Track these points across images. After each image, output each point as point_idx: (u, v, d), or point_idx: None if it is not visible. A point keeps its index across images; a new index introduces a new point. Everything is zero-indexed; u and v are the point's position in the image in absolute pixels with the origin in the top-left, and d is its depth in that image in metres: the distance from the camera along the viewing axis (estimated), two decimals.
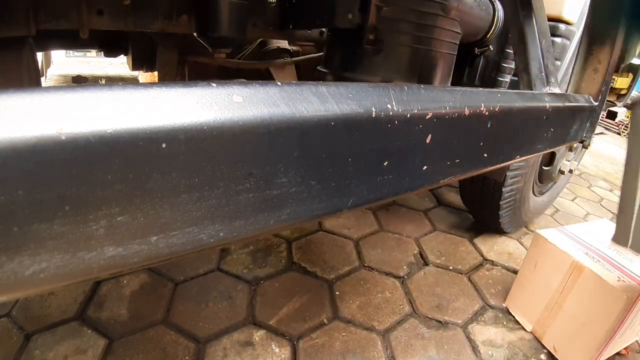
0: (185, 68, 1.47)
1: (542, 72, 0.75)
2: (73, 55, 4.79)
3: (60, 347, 0.90)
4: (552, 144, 0.69)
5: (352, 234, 1.50)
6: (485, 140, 0.47)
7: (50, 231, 0.18)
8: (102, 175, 0.19)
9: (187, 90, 0.22)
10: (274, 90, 0.26)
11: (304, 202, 0.29)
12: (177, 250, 0.23)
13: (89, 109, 0.19)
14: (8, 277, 0.18)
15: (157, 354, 0.91)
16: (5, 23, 0.65)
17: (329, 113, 0.28)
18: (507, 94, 0.53)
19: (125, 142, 0.19)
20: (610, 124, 5.06)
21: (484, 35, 1.07)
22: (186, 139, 0.21)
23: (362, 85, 0.32)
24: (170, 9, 0.86)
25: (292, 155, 0.27)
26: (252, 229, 0.27)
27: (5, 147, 0.16)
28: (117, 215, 0.20)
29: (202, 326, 1.00)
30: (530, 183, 1.52)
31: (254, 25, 0.99)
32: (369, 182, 0.34)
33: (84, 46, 1.35)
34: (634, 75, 2.04)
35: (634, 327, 1.02)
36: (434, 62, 0.82)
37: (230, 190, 0.25)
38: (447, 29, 0.81)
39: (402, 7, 0.75)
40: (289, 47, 1.64)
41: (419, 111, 0.35)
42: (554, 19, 1.14)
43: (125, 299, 1.06)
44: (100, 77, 4.01)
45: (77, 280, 0.21)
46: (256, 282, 1.18)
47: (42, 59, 2.49)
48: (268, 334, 1.00)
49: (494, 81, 1.22)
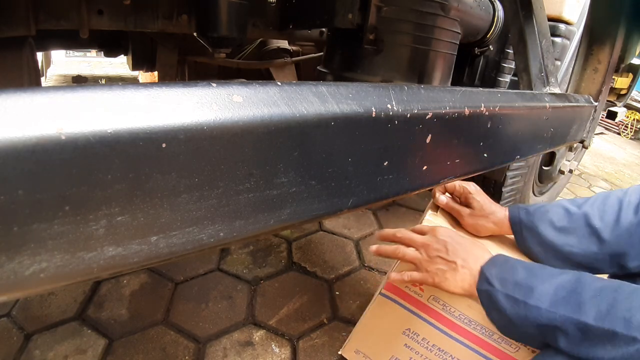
0: (185, 68, 1.47)
1: (542, 72, 0.75)
2: (73, 55, 4.79)
3: (60, 347, 0.90)
4: (552, 144, 0.69)
5: (352, 234, 1.50)
6: (485, 140, 0.47)
7: (50, 231, 0.18)
8: (102, 175, 0.19)
9: (187, 90, 0.22)
10: (274, 90, 0.26)
11: (304, 202, 0.29)
12: (177, 250, 0.23)
13: (89, 109, 0.19)
14: (8, 277, 0.18)
15: (157, 354, 0.91)
16: (5, 23, 0.65)
17: (329, 113, 0.28)
18: (507, 94, 0.53)
19: (125, 142, 0.19)
20: (610, 124, 5.06)
21: (484, 35, 1.07)
22: (186, 139, 0.21)
23: (362, 85, 0.33)
24: (171, 9, 0.86)
25: (292, 155, 0.27)
26: (252, 229, 0.27)
27: (5, 147, 0.16)
28: (117, 215, 0.20)
29: (202, 326, 1.00)
30: (530, 183, 1.52)
31: (254, 25, 0.99)
32: (369, 182, 0.34)
33: (84, 46, 1.35)
34: (634, 75, 2.04)
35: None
36: (434, 62, 0.82)
37: (230, 190, 0.25)
38: (447, 29, 0.81)
39: (402, 7, 0.75)
40: (289, 47, 1.64)
41: (419, 111, 0.35)
42: (554, 19, 1.13)
43: (125, 299, 1.06)
44: (100, 77, 4.01)
45: (77, 280, 0.21)
46: (256, 282, 1.18)
47: (42, 59, 2.49)
48: (268, 334, 1.00)
49: (494, 81, 1.22)
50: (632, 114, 4.86)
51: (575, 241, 0.67)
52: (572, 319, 0.48)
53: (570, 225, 0.69)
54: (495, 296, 0.55)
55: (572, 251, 0.67)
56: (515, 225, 0.74)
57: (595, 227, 0.66)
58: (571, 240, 0.68)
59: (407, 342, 0.77)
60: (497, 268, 0.58)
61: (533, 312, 0.51)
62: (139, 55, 1.29)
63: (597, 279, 0.52)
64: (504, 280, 0.56)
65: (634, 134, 4.98)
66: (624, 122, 4.94)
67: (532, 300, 0.52)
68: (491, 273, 0.58)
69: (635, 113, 4.88)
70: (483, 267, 0.60)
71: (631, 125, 4.96)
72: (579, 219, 0.68)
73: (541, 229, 0.70)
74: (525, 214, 0.74)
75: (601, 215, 0.67)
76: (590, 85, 1.08)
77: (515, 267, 0.57)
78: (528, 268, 0.57)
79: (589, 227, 0.67)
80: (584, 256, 0.66)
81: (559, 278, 0.53)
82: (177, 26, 0.88)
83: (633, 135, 4.98)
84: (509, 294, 0.54)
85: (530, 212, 0.73)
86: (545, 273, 0.55)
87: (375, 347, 0.82)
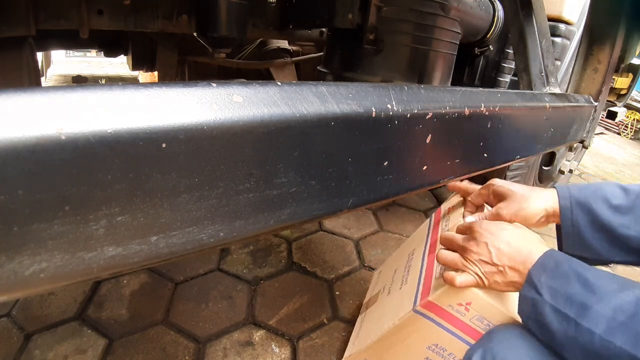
0: (185, 68, 1.47)
1: (542, 72, 0.75)
2: (73, 55, 4.79)
3: (60, 347, 0.90)
4: (552, 144, 0.69)
5: (352, 234, 1.50)
6: (485, 140, 0.47)
7: (50, 231, 0.18)
8: (102, 175, 0.19)
9: (187, 90, 0.22)
10: (274, 90, 0.26)
11: (304, 202, 0.29)
12: (177, 250, 0.23)
13: (89, 109, 0.19)
14: (8, 277, 0.18)
15: (157, 354, 0.91)
16: (5, 23, 0.65)
17: (329, 113, 0.28)
18: (507, 94, 0.53)
19: (125, 142, 0.19)
20: (610, 124, 5.06)
21: (484, 35, 1.07)
22: (186, 139, 0.21)
23: (362, 85, 0.32)
24: (171, 9, 0.86)
25: (292, 155, 0.27)
26: (252, 229, 0.27)
27: (5, 147, 0.16)
28: (117, 215, 0.20)
29: (202, 326, 1.00)
30: (530, 183, 1.52)
31: (254, 25, 0.99)
32: (369, 182, 0.34)
33: (84, 46, 1.35)
34: (634, 75, 2.04)
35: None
36: (434, 62, 0.82)
37: (230, 190, 0.25)
38: (447, 29, 0.81)
39: (402, 7, 0.75)
40: (289, 47, 1.64)
41: (419, 111, 0.35)
42: (554, 19, 1.13)
43: (125, 299, 1.06)
44: (100, 77, 4.01)
45: (77, 280, 0.21)
46: (256, 282, 1.18)
47: (42, 59, 2.49)
48: (268, 334, 1.00)
49: (494, 81, 1.22)
50: (632, 114, 4.86)
51: (633, 222, 0.59)
52: (631, 354, 0.41)
53: (628, 204, 0.60)
54: (542, 308, 0.49)
55: (629, 234, 0.59)
56: (564, 199, 0.65)
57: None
58: (628, 220, 0.60)
59: (428, 356, 0.71)
60: (547, 273, 0.51)
61: (585, 336, 0.45)
62: (139, 55, 1.30)
63: None
64: (554, 291, 0.49)
65: (634, 134, 4.98)
66: (624, 122, 4.94)
67: (585, 322, 0.45)
68: (540, 280, 0.51)
69: (635, 113, 4.88)
70: (531, 271, 0.53)
71: (631, 125, 4.96)
72: (638, 197, 0.60)
73: (595, 205, 0.62)
74: (576, 189, 0.65)
75: None
76: (590, 85, 1.09)
77: (568, 276, 0.50)
78: (583, 279, 0.49)
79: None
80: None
81: (619, 297, 0.46)
82: (177, 26, 0.88)
83: (633, 135, 4.98)
84: (559, 308, 0.48)
85: (582, 188, 0.65)
86: (602, 288, 0.48)
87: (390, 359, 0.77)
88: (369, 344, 0.79)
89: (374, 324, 0.82)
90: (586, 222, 0.63)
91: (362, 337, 0.86)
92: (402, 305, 0.73)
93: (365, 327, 0.89)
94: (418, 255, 0.85)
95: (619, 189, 0.63)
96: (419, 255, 0.85)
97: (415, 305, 0.68)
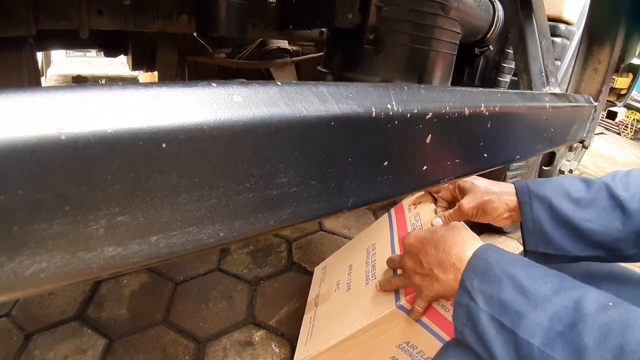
0: (185, 68, 1.47)
1: (542, 72, 0.75)
2: (73, 55, 4.80)
3: (60, 347, 0.90)
4: (552, 144, 0.69)
5: (352, 234, 1.50)
6: (485, 140, 0.47)
7: (50, 231, 0.18)
8: (102, 175, 0.19)
9: (187, 90, 0.22)
10: (274, 90, 0.26)
11: (304, 202, 0.29)
12: (177, 250, 0.23)
13: (89, 109, 0.19)
14: (8, 277, 0.18)
15: (157, 354, 0.91)
16: (5, 23, 0.65)
17: (329, 113, 0.28)
18: (507, 94, 0.53)
19: (125, 142, 0.19)
20: (610, 124, 5.06)
21: (484, 35, 1.07)
22: (186, 139, 0.21)
23: (362, 85, 0.32)
24: (171, 9, 0.86)
25: (292, 155, 0.27)
26: (252, 229, 0.27)
27: (5, 147, 0.16)
28: (117, 215, 0.20)
29: (202, 326, 1.00)
30: None
31: (254, 25, 0.99)
32: (369, 182, 0.34)
33: (84, 46, 1.35)
34: (634, 75, 2.04)
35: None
36: (434, 62, 0.82)
37: (230, 190, 0.25)
38: (447, 29, 0.81)
39: (402, 7, 0.75)
40: (289, 47, 1.64)
41: (419, 111, 0.35)
42: (554, 19, 1.14)
43: (125, 299, 1.06)
44: (100, 77, 4.01)
45: (77, 280, 0.21)
46: (256, 282, 1.18)
47: (42, 59, 2.50)
48: (268, 334, 1.00)
49: (494, 81, 1.22)
50: (632, 114, 4.86)
51: (595, 215, 0.57)
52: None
53: (590, 197, 0.58)
54: (477, 315, 0.45)
55: (591, 228, 0.57)
56: (522, 195, 0.63)
57: (620, 198, 0.56)
58: (590, 214, 0.57)
59: (395, 355, 0.69)
60: (478, 277, 0.47)
61: (524, 348, 0.40)
62: (139, 55, 1.30)
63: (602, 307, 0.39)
64: (489, 298, 0.45)
65: (634, 134, 4.98)
66: (624, 122, 4.94)
67: (521, 332, 0.41)
68: (473, 285, 0.47)
69: (635, 113, 4.88)
70: (463, 275, 0.49)
71: (631, 125, 4.96)
72: (600, 189, 0.58)
73: (555, 200, 0.59)
74: (535, 184, 0.63)
75: (626, 187, 0.57)
76: (590, 85, 1.09)
77: (500, 280, 0.45)
78: (517, 282, 0.44)
79: (612, 198, 0.57)
80: (605, 234, 0.56)
81: (554, 303, 0.41)
82: (177, 26, 0.88)
83: (633, 135, 4.98)
84: (495, 315, 0.43)
85: (541, 182, 0.63)
86: (537, 292, 0.43)
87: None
88: (332, 344, 0.73)
89: (336, 323, 0.77)
90: (547, 218, 0.60)
91: (318, 337, 0.80)
92: (380, 301, 0.69)
93: (321, 326, 0.83)
94: (384, 250, 0.82)
95: (580, 182, 0.61)
96: (385, 250, 0.81)
97: (399, 301, 0.65)
